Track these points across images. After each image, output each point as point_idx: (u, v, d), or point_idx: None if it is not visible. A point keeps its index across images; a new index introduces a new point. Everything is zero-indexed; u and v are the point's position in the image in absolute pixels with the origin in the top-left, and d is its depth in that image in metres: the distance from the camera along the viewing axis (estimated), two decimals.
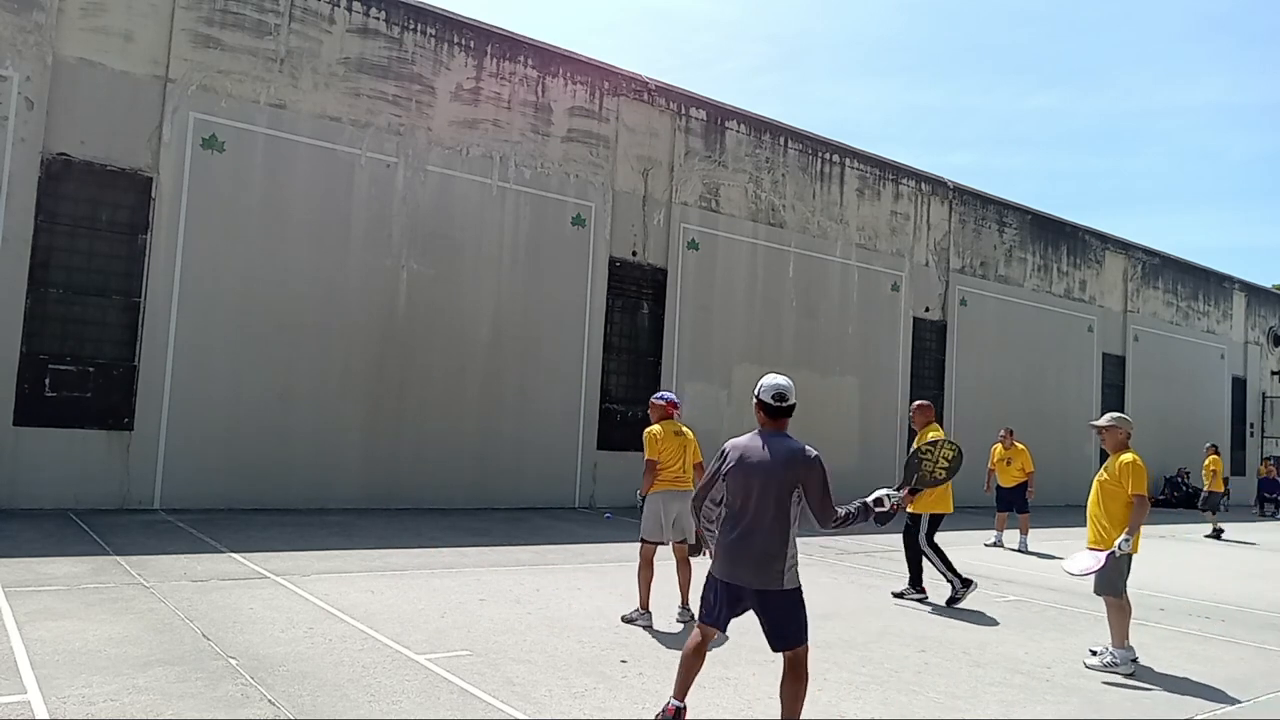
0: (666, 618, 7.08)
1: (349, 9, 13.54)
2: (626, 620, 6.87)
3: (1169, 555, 14.32)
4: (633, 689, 5.40)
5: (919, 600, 8.71)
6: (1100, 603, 8.78)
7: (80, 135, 11.60)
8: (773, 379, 4.65)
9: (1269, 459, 28.58)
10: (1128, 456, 6.67)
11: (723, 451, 4.65)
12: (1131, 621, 6.68)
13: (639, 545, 7.15)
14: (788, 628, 4.46)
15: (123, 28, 11.91)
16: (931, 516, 8.84)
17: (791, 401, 4.62)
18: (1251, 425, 31.02)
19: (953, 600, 8.53)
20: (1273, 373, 31.97)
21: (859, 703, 5.40)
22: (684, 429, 7.32)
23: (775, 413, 4.60)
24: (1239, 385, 30.39)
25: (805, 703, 4.45)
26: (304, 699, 4.85)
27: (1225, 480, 17.47)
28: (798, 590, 4.46)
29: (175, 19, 12.21)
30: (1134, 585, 10.54)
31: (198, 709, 4.59)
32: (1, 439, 10.96)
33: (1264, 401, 31.55)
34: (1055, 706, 5.59)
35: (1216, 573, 12.39)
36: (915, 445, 8.58)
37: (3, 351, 11.03)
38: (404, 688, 5.13)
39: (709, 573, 4.60)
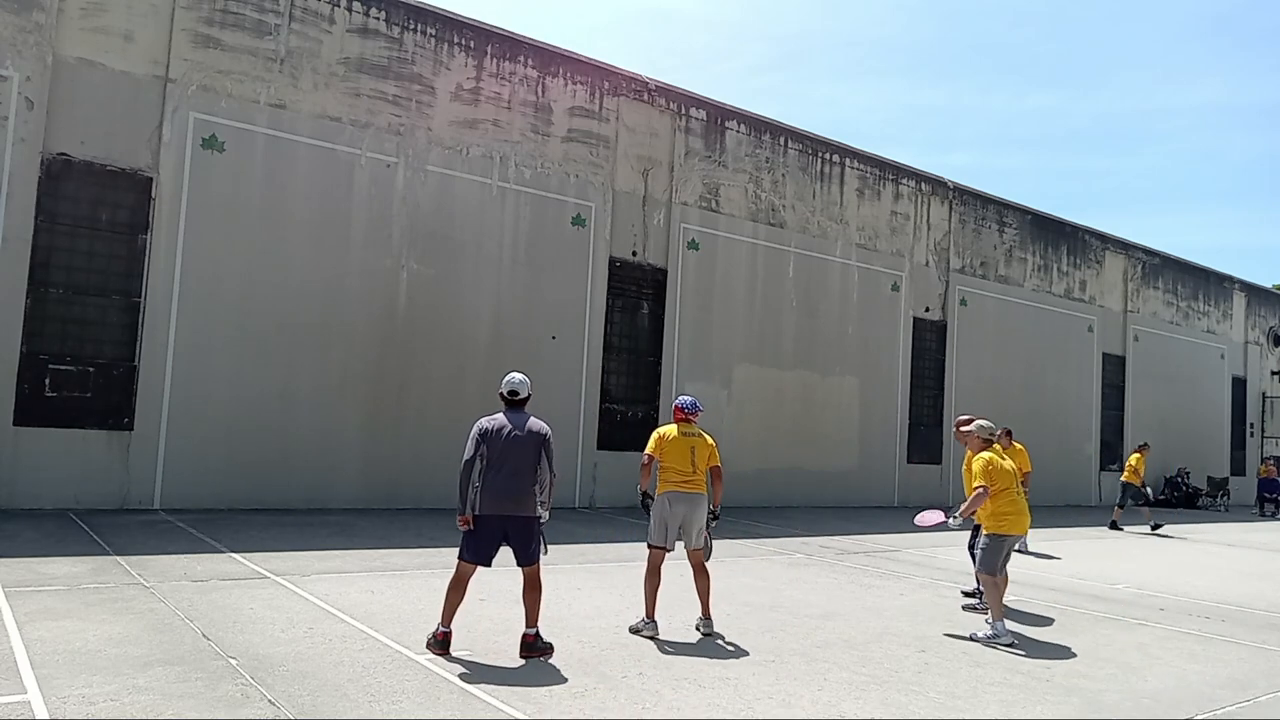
0: (675, 624, 7.04)
1: (349, 9, 13.54)
2: (633, 631, 6.69)
3: (1169, 555, 14.33)
4: (633, 689, 5.40)
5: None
6: (1100, 602, 8.77)
7: (80, 135, 11.60)
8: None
9: (1269, 459, 28.60)
10: (985, 455, 7.59)
11: None
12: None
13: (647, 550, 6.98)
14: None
15: (123, 28, 11.91)
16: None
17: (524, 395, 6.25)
18: (1251, 425, 31.03)
19: (969, 602, 8.55)
20: (1273, 373, 31.97)
21: (859, 703, 5.40)
22: (700, 433, 7.14)
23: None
24: (1239, 385, 30.40)
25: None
26: (304, 699, 4.85)
27: (1143, 480, 18.11)
28: None
29: (175, 19, 12.21)
30: (1135, 585, 10.58)
31: (198, 709, 4.60)
32: (1, 439, 10.96)
33: (1264, 401, 31.55)
34: (1055, 706, 5.59)
35: (1216, 573, 12.40)
36: (971, 473, 8.29)
37: (3, 351, 11.03)
38: (404, 688, 5.13)
39: None
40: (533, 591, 6.03)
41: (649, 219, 16.68)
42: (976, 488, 7.38)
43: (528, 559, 6.07)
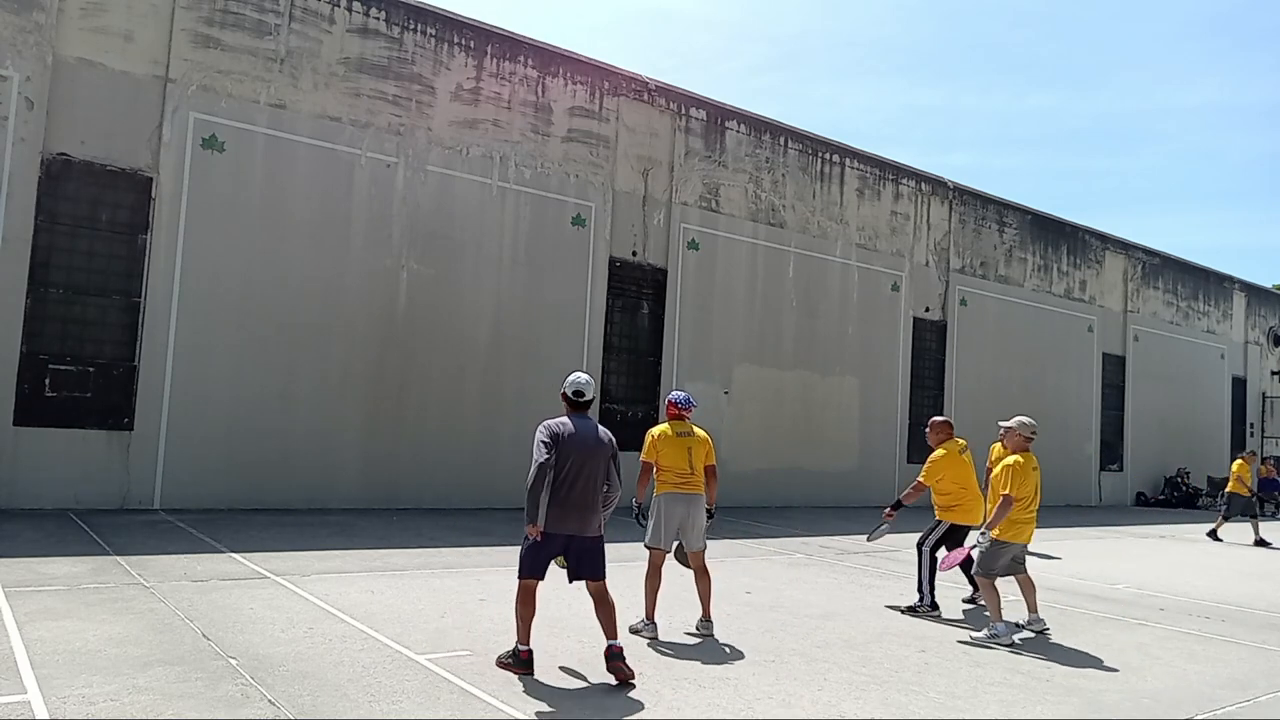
0: (675, 624, 7.05)
1: (349, 9, 13.54)
2: (633, 631, 6.65)
3: (1169, 555, 14.33)
4: (633, 689, 5.40)
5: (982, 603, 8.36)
6: (1100, 602, 8.78)
7: (80, 135, 11.60)
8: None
9: (1269, 459, 28.60)
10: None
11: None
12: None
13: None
14: None
15: (123, 28, 11.91)
16: (952, 526, 8.30)
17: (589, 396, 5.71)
18: (1251, 425, 31.02)
19: (909, 608, 8.15)
20: (1273, 373, 31.97)
21: (859, 703, 5.40)
22: (695, 430, 7.08)
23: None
24: (1239, 385, 30.40)
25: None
26: (304, 699, 4.85)
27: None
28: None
29: (175, 19, 12.21)
30: (1134, 585, 10.58)
31: (198, 709, 4.60)
32: (1, 439, 10.96)
33: (1264, 401, 31.55)
34: (1055, 706, 5.59)
35: (1216, 573, 12.39)
36: (926, 467, 8.49)
37: (3, 351, 11.03)
38: (404, 688, 5.13)
39: None
40: (605, 606, 5.58)
41: (649, 219, 16.68)
42: (1002, 495, 7.23)
43: (594, 573, 5.60)
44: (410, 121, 14.02)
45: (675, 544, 6.94)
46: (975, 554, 7.53)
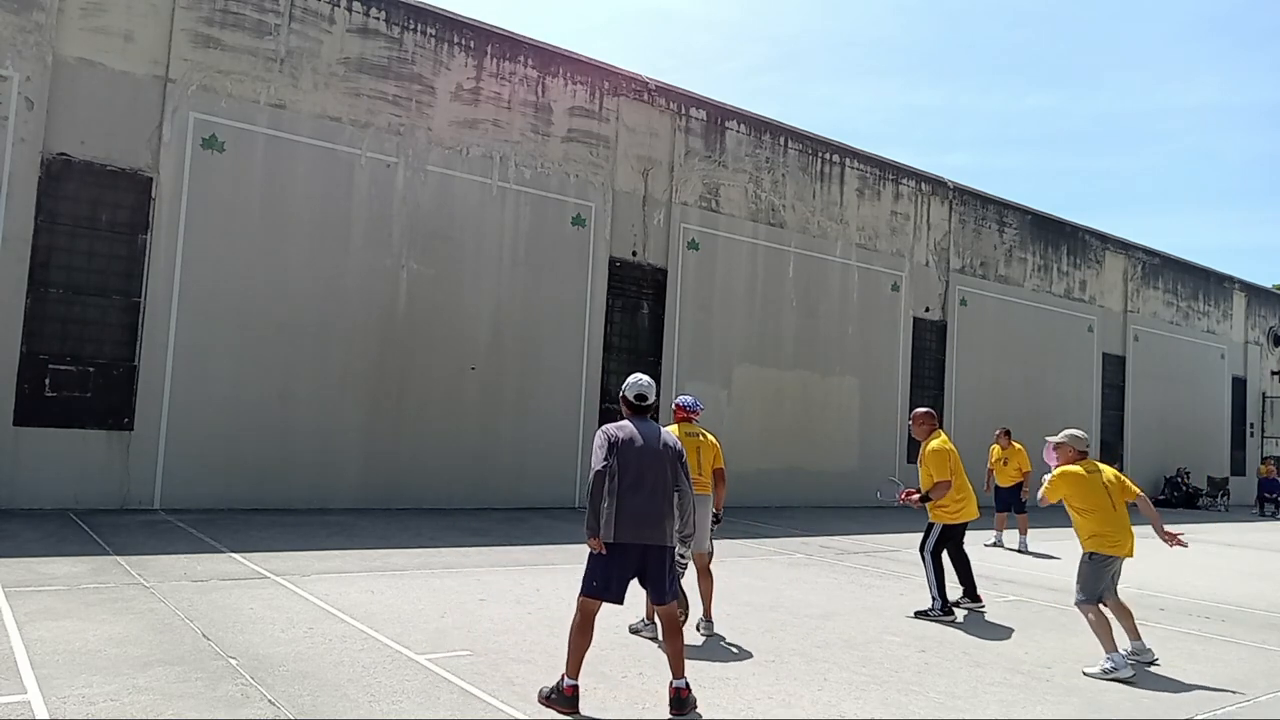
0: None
1: (349, 9, 13.54)
2: (633, 631, 6.66)
3: (1169, 555, 14.30)
4: (633, 689, 5.40)
5: (974, 608, 8.36)
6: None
7: (80, 135, 11.60)
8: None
9: (1269, 459, 28.60)
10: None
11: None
12: (1131, 622, 6.70)
13: None
14: None
15: (123, 28, 11.90)
16: (945, 527, 8.25)
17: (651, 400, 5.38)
18: (1251, 425, 31.02)
19: (920, 613, 8.06)
20: (1273, 373, 31.96)
21: (859, 703, 5.40)
22: (703, 432, 7.10)
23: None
24: (1239, 385, 30.39)
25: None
26: (304, 699, 4.84)
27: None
28: None
29: (175, 19, 12.21)
30: (1134, 585, 10.57)
31: (198, 709, 4.59)
32: (1, 439, 10.96)
33: (1264, 401, 31.55)
34: (1055, 706, 5.59)
35: (1216, 573, 12.39)
36: (920, 457, 8.49)
37: (3, 352, 11.03)
38: (404, 688, 5.13)
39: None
40: (676, 638, 5.05)
41: (649, 219, 16.68)
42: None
43: (666, 595, 5.12)
44: (410, 121, 14.02)
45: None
46: (1076, 580, 6.76)
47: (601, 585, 4.98)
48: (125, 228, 11.93)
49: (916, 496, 8.29)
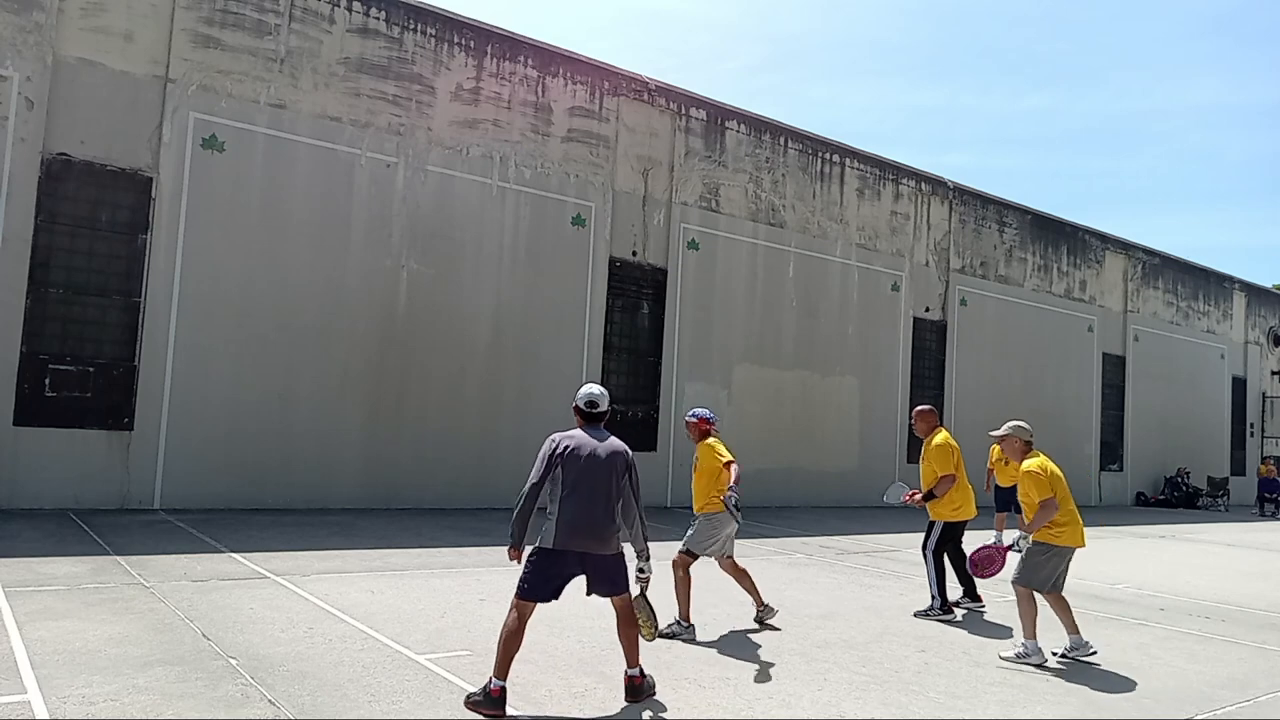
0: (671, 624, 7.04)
1: (349, 9, 13.54)
2: (671, 636, 6.59)
3: (1169, 555, 14.32)
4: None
5: (974, 608, 8.38)
6: (1100, 602, 8.75)
7: (80, 135, 11.60)
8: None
9: (1269, 459, 28.59)
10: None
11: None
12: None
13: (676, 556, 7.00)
14: None
15: (123, 28, 11.91)
16: (945, 525, 8.24)
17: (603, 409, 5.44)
18: (1251, 425, 31.02)
19: (921, 612, 8.06)
20: (1273, 373, 31.97)
21: (859, 703, 5.40)
22: (714, 445, 7.06)
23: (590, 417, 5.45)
24: (1239, 385, 30.39)
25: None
26: (304, 699, 4.85)
27: None
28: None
29: (175, 19, 12.21)
30: (1134, 585, 10.57)
31: (198, 709, 4.60)
32: (1, 439, 10.96)
33: (1264, 401, 31.55)
34: (1055, 706, 5.59)
35: (1216, 573, 12.39)
36: (923, 453, 8.53)
37: (3, 351, 11.03)
38: (404, 688, 5.13)
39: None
40: (630, 627, 5.20)
41: (649, 219, 16.68)
42: (1043, 501, 6.60)
43: (615, 589, 5.14)
44: (410, 121, 14.02)
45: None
46: (1018, 559, 6.87)
47: (533, 588, 4.98)
48: (125, 228, 11.93)
49: (920, 496, 8.34)
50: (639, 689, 5.11)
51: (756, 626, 7.18)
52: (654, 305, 16.81)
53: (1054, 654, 6.76)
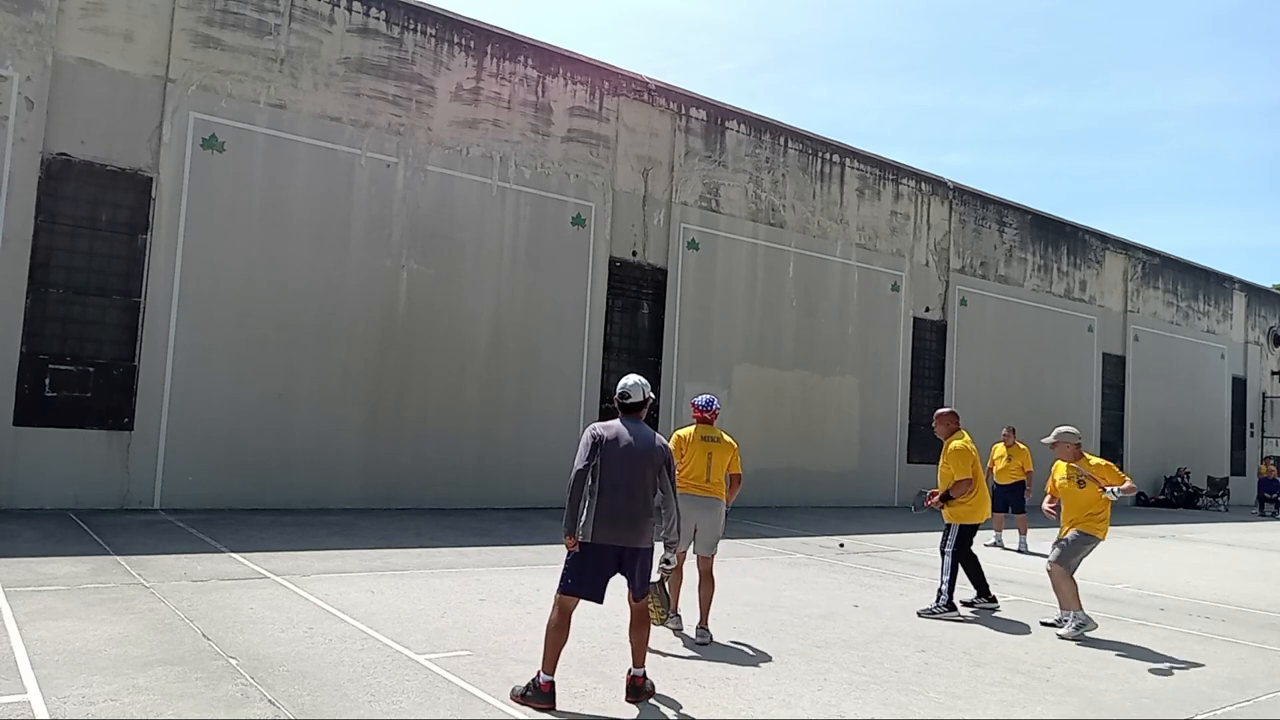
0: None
1: (349, 9, 13.54)
2: (689, 637, 6.59)
3: (1169, 555, 14.33)
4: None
5: (989, 607, 8.44)
6: (1100, 602, 8.76)
7: (80, 135, 11.60)
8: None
9: (1269, 459, 28.59)
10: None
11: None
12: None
13: None
14: None
15: (123, 28, 11.91)
16: (961, 527, 8.36)
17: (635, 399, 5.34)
18: (1251, 425, 31.02)
19: (925, 611, 8.10)
20: (1273, 373, 31.97)
21: (859, 703, 5.40)
22: (721, 436, 6.96)
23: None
24: (1239, 385, 30.39)
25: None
26: (304, 699, 4.85)
27: None
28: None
29: (175, 19, 12.21)
30: (1134, 585, 10.58)
31: (198, 709, 4.60)
32: (1, 439, 10.95)
33: (1264, 401, 31.55)
34: (1055, 706, 5.59)
35: (1216, 573, 12.40)
36: (942, 456, 8.56)
37: (3, 351, 11.03)
38: (404, 688, 5.13)
39: None
40: (642, 629, 5.23)
41: (649, 219, 16.68)
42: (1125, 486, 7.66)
43: (641, 592, 5.21)
44: (410, 121, 14.02)
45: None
46: (1058, 549, 7.81)
47: (577, 583, 5.04)
48: (125, 228, 11.93)
49: (937, 498, 8.43)
50: (640, 689, 5.12)
51: (756, 627, 7.18)
52: (654, 305, 16.81)
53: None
